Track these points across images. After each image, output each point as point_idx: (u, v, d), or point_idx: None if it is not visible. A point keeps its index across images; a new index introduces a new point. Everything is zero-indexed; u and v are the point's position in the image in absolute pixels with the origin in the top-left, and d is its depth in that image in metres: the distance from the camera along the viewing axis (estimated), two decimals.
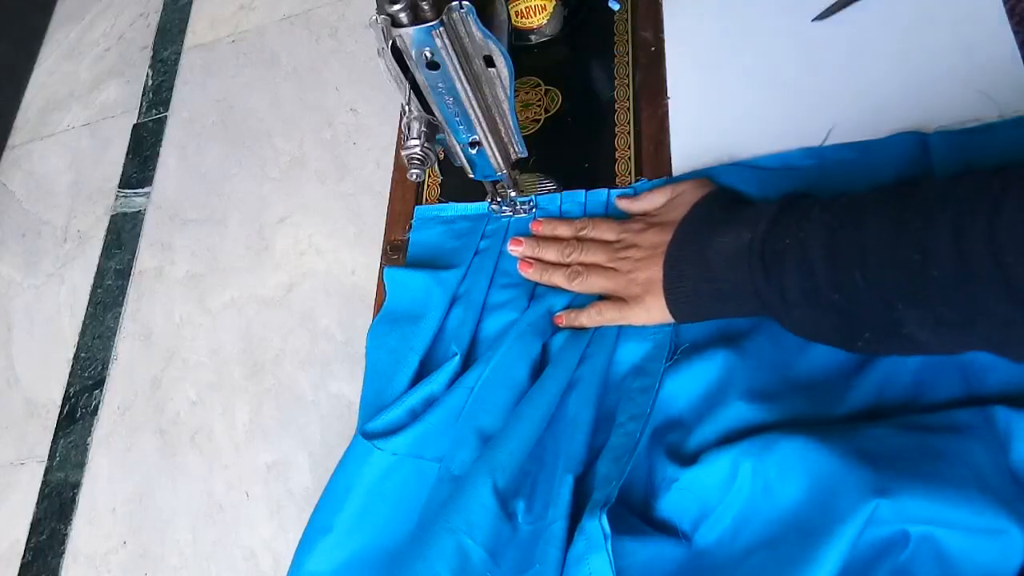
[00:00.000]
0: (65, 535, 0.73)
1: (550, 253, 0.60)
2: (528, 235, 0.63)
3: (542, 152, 0.66)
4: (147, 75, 1.02)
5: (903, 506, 0.39)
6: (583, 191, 0.63)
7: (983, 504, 0.38)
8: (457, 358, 0.57)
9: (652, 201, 0.59)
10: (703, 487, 0.47)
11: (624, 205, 0.60)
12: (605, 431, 0.52)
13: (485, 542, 0.47)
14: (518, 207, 0.64)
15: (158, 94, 0.99)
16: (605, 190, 0.63)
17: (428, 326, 0.61)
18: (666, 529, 0.48)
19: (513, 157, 0.59)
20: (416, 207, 0.70)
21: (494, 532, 0.48)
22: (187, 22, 1.04)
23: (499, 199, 0.63)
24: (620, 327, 0.56)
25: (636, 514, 0.49)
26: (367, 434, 0.56)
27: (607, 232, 0.59)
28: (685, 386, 0.52)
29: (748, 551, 0.44)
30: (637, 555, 0.46)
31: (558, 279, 0.59)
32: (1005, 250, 0.33)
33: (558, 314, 0.58)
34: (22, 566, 0.74)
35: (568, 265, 0.59)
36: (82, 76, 1.09)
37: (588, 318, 0.57)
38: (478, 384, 0.55)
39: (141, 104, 0.99)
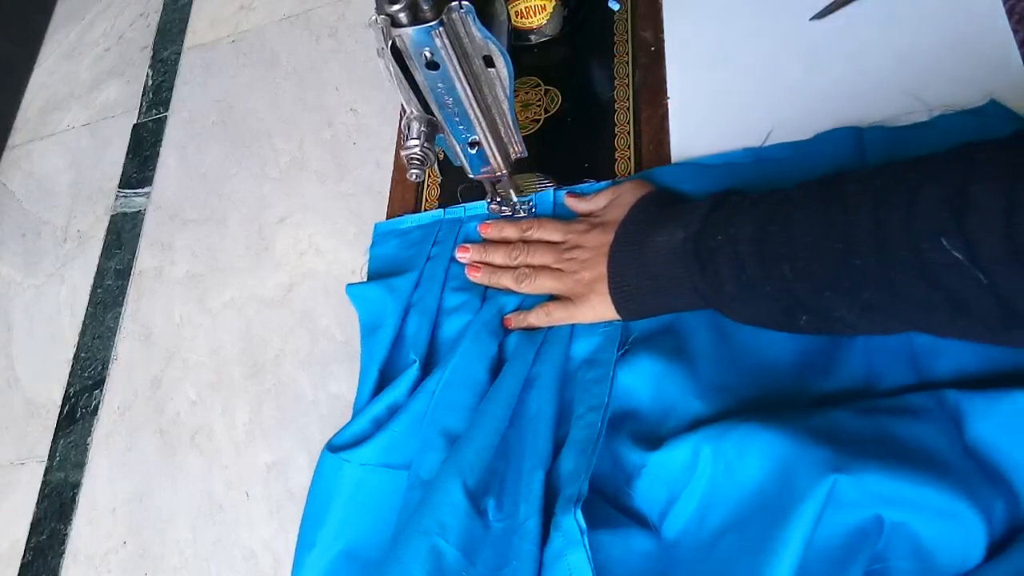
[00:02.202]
0: (65, 535, 0.73)
1: (497, 256, 0.62)
2: (477, 241, 0.64)
3: (542, 152, 0.66)
4: (147, 75, 1.02)
5: (863, 483, 0.40)
6: (533, 194, 0.66)
7: (940, 483, 0.39)
8: (416, 365, 0.59)
9: (595, 203, 0.61)
10: (669, 471, 0.48)
11: (571, 204, 0.62)
12: (566, 423, 0.53)
13: (458, 542, 0.48)
14: (517, 207, 0.65)
15: (158, 94, 0.99)
16: (551, 190, 0.65)
17: (385, 336, 0.62)
18: (639, 518, 0.49)
19: (513, 157, 0.59)
20: (375, 223, 0.71)
21: (467, 532, 0.48)
22: (187, 22, 1.04)
23: (499, 199, 0.64)
24: (572, 324, 0.57)
25: (608, 501, 0.50)
26: (333, 447, 0.57)
27: (553, 233, 0.60)
28: (638, 382, 0.53)
29: (717, 534, 0.45)
30: (613, 548, 0.46)
31: (506, 281, 0.61)
32: (921, 237, 0.34)
33: (507, 316, 0.60)
34: (22, 566, 0.74)
35: (516, 267, 0.60)
36: (82, 76, 1.09)
37: (537, 319, 0.59)
38: (439, 388, 0.56)
39: (141, 104, 0.99)
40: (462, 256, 0.63)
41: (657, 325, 0.55)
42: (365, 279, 0.70)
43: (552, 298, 0.58)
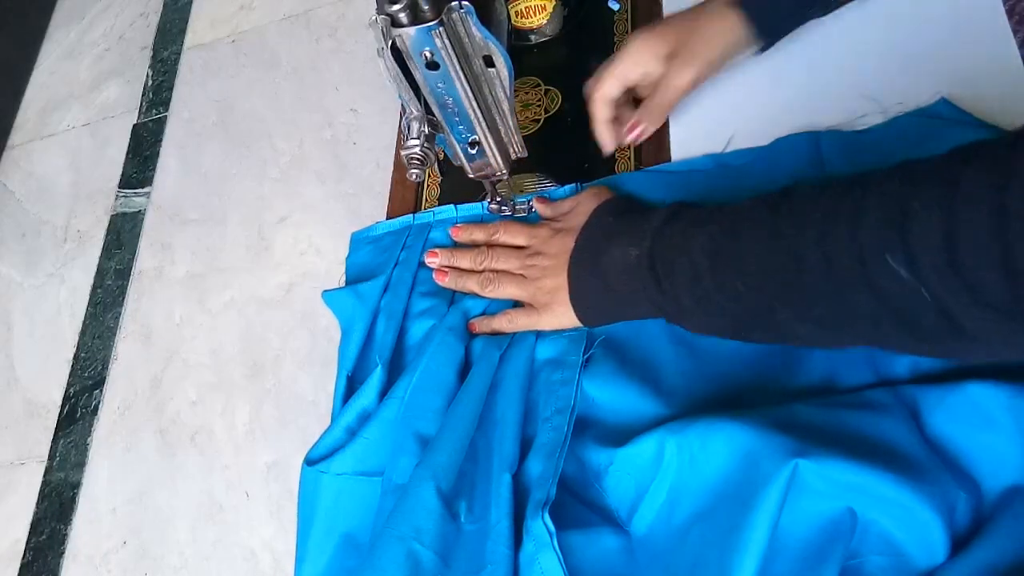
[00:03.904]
0: (65, 535, 0.73)
1: (464, 260, 0.63)
2: (446, 246, 0.65)
3: (542, 152, 0.66)
4: (147, 75, 1.02)
5: (825, 469, 0.41)
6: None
7: (900, 477, 0.40)
8: (379, 368, 0.59)
9: (560, 207, 0.61)
10: (636, 466, 0.49)
11: (538, 207, 0.63)
12: (531, 424, 0.54)
13: (434, 545, 0.48)
14: (517, 207, 0.65)
15: (158, 94, 0.99)
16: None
17: (353, 342, 0.63)
18: (609, 515, 0.50)
19: (513, 157, 0.59)
20: (352, 232, 0.72)
21: (442, 535, 0.49)
22: (187, 22, 1.04)
23: (498, 199, 0.64)
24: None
25: (578, 500, 0.50)
26: (310, 460, 0.58)
27: (517, 237, 0.61)
28: (602, 389, 0.54)
29: (686, 526, 0.46)
30: (586, 548, 0.47)
31: (472, 286, 0.62)
32: (866, 251, 0.34)
33: (472, 321, 0.60)
34: (22, 566, 0.74)
35: (481, 272, 0.61)
36: (82, 76, 1.09)
37: (500, 324, 0.60)
38: (408, 393, 0.56)
39: (141, 104, 0.99)
40: (431, 260, 0.64)
41: (621, 329, 0.55)
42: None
43: (517, 303, 0.59)
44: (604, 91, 0.60)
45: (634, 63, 0.58)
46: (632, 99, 0.62)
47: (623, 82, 0.59)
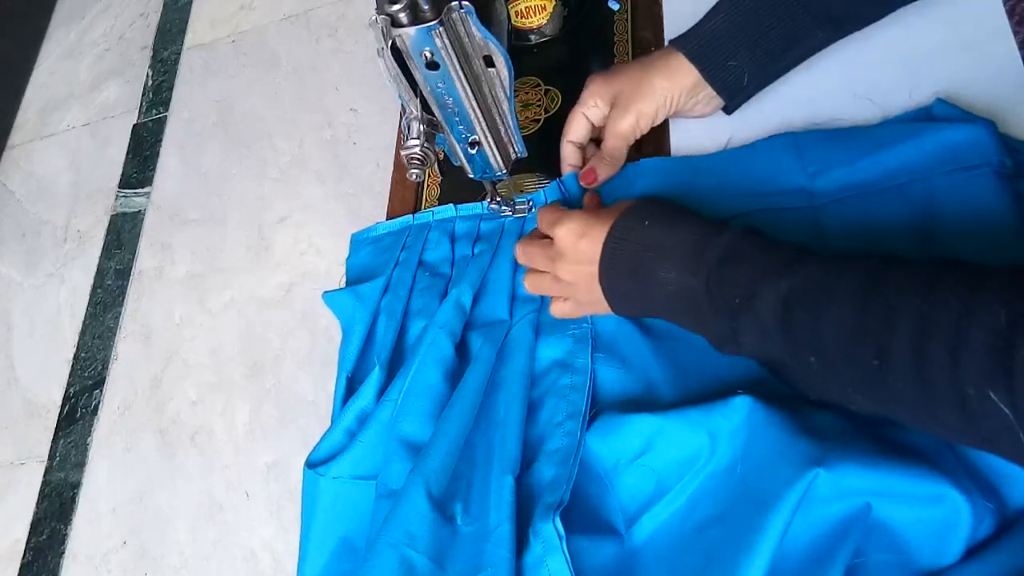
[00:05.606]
0: (65, 535, 0.73)
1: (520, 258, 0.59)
2: (438, 243, 0.65)
3: (542, 152, 0.66)
4: (147, 75, 1.02)
5: (841, 477, 0.40)
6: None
7: (922, 473, 0.40)
8: (377, 369, 0.59)
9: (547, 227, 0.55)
10: (665, 465, 0.48)
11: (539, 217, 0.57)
12: (536, 425, 0.53)
13: (427, 550, 0.48)
14: (517, 207, 0.65)
15: (158, 94, 0.99)
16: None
17: (353, 343, 0.63)
18: (613, 520, 0.49)
19: (513, 157, 0.59)
20: (352, 234, 0.72)
21: (435, 539, 0.49)
22: (187, 22, 1.04)
23: (498, 199, 0.64)
24: (536, 325, 0.58)
25: (585, 505, 0.50)
26: (311, 463, 0.58)
27: (535, 261, 0.56)
28: (610, 388, 0.53)
29: (702, 528, 0.45)
30: (592, 553, 0.47)
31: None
32: (967, 382, 0.33)
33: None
34: (22, 566, 0.74)
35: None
36: (82, 76, 1.09)
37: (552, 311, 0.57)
38: (400, 396, 0.56)
39: (141, 104, 0.99)
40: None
41: (628, 330, 0.55)
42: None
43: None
44: (571, 134, 0.61)
45: (593, 103, 0.59)
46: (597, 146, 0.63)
47: (586, 122, 0.61)
